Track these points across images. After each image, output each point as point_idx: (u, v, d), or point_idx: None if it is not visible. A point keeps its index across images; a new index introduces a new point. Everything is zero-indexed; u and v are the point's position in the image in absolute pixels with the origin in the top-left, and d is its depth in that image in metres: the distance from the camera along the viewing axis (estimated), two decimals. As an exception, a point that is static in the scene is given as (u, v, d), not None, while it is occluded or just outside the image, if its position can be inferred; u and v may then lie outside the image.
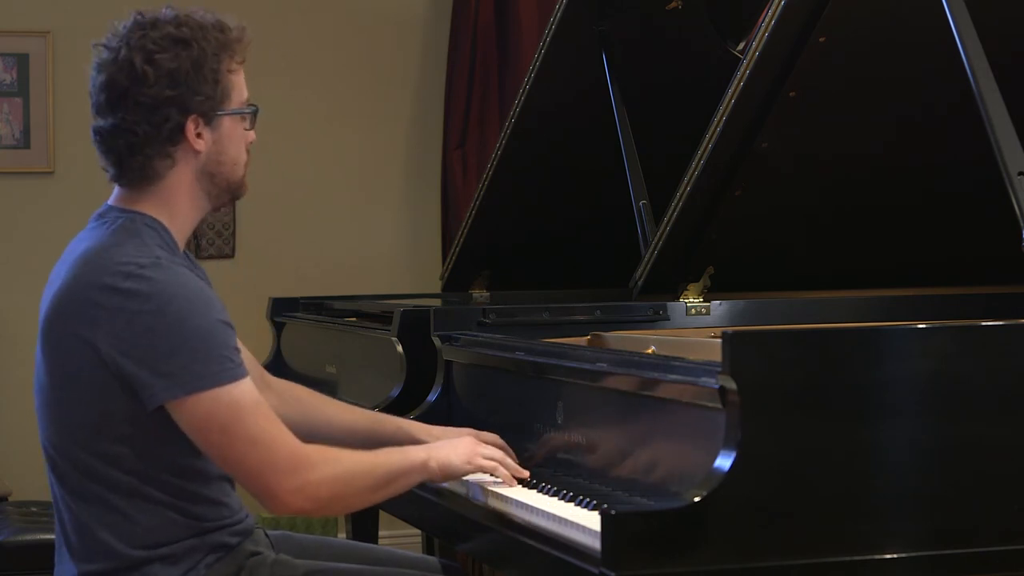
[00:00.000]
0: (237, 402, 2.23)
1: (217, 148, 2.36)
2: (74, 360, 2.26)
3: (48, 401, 2.33)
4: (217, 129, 2.36)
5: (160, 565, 2.30)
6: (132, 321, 2.21)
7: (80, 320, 2.25)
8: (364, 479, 2.34)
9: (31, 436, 5.45)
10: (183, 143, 2.33)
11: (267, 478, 2.25)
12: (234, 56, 2.36)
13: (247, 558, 2.39)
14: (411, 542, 4.51)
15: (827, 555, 2.09)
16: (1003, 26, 2.77)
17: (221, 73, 2.34)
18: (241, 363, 2.27)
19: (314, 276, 5.31)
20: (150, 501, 2.29)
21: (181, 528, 2.31)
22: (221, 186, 2.39)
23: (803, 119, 2.96)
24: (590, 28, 3.64)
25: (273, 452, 2.25)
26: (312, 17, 5.48)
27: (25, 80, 5.18)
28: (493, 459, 2.50)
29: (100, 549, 2.29)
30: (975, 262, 3.30)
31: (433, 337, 3.09)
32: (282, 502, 2.26)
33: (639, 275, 3.16)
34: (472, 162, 5.44)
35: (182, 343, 2.21)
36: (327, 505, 2.32)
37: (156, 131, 2.31)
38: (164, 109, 2.30)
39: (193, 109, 2.32)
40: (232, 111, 2.37)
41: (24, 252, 5.20)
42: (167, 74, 2.29)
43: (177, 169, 2.35)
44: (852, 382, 2.14)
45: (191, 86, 2.30)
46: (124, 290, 2.23)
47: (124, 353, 2.22)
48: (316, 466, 2.27)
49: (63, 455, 2.31)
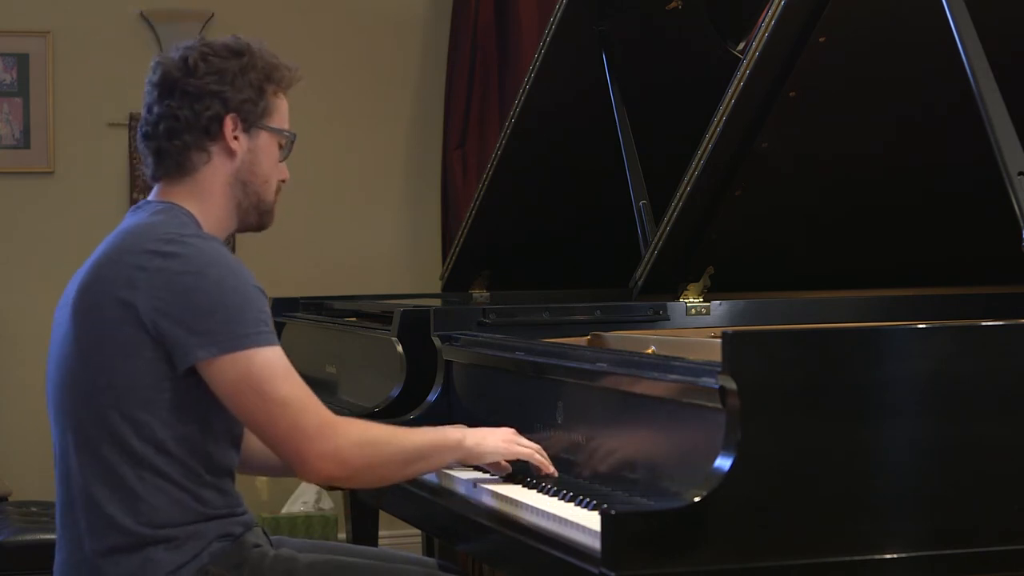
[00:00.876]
0: (271, 364, 2.31)
1: (252, 157, 2.48)
2: (109, 322, 2.32)
3: (72, 369, 2.37)
4: (254, 139, 2.48)
5: (164, 550, 2.32)
6: (172, 281, 2.31)
7: (120, 283, 2.33)
8: (395, 449, 2.40)
9: (31, 436, 5.45)
10: (220, 140, 2.45)
11: (297, 441, 2.31)
12: (280, 83, 2.49)
13: (250, 549, 2.40)
14: (411, 542, 4.52)
15: (827, 555, 2.09)
16: (1003, 26, 2.77)
17: (266, 90, 2.47)
18: (274, 331, 2.35)
19: (314, 276, 5.31)
20: (161, 476, 2.32)
21: (187, 511, 2.34)
22: (252, 200, 2.49)
23: (803, 119, 2.96)
24: (590, 28, 3.64)
25: (304, 416, 2.31)
26: (312, 17, 5.49)
27: (25, 80, 5.18)
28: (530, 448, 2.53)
29: (105, 524, 2.32)
30: (975, 262, 3.30)
31: (433, 337, 3.09)
32: (312, 467, 2.32)
33: (639, 275, 3.16)
34: (472, 162, 5.44)
35: (221, 304, 2.30)
36: (357, 473, 2.37)
37: (196, 118, 2.42)
38: (207, 99, 2.43)
39: (234, 108, 2.44)
40: (271, 127, 2.49)
41: (24, 252, 5.20)
42: (216, 71, 2.43)
43: (212, 165, 2.45)
44: (852, 382, 2.14)
45: (236, 86, 2.44)
46: (166, 253, 2.32)
47: (163, 312, 2.29)
48: (346, 432, 2.34)
49: (84, 422, 2.35)
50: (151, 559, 2.31)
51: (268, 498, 5.06)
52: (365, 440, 2.35)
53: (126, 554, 2.31)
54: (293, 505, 5.16)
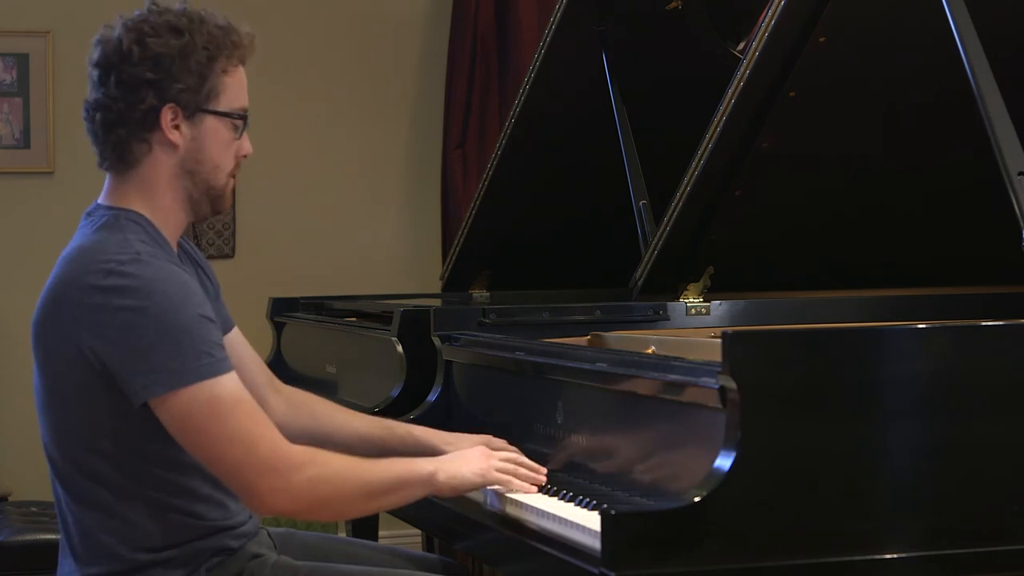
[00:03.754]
0: (217, 397, 2.19)
1: (196, 146, 2.32)
2: (62, 360, 2.26)
3: (43, 403, 2.33)
4: (198, 126, 2.31)
5: (162, 569, 2.29)
6: (113, 317, 2.20)
7: (65, 320, 2.24)
8: (355, 485, 2.29)
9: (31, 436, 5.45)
10: (158, 130, 2.30)
11: (245, 476, 2.21)
12: (231, 58, 2.32)
13: (248, 560, 2.38)
14: (411, 542, 4.51)
15: (827, 555, 2.09)
16: (1003, 26, 2.77)
17: (211, 70, 2.30)
18: (224, 358, 2.23)
19: (314, 276, 5.31)
20: (149, 503, 2.28)
21: (182, 530, 2.30)
22: (201, 189, 2.35)
23: (803, 119, 2.96)
24: (590, 28, 3.64)
25: (252, 451, 2.20)
26: (312, 17, 5.48)
27: (25, 80, 5.18)
28: (506, 471, 2.44)
29: (102, 552, 2.29)
30: (975, 262, 3.30)
31: (433, 337, 3.09)
32: (262, 502, 2.22)
33: (639, 275, 3.16)
34: (472, 162, 5.44)
35: (161, 339, 2.18)
36: (311, 508, 2.27)
37: (131, 111, 2.28)
38: (142, 90, 2.28)
39: (171, 98, 2.28)
40: (218, 111, 2.32)
41: (24, 252, 5.20)
42: (152, 57, 2.27)
43: (154, 157, 2.32)
44: (852, 382, 2.14)
45: (173, 74, 2.28)
46: (105, 287, 2.21)
47: (106, 350, 2.20)
48: (301, 467, 2.22)
49: (62, 457, 2.31)
50: None
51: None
52: (320, 476, 2.23)
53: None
54: (293, 505, 5.15)
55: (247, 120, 2.37)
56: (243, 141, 2.38)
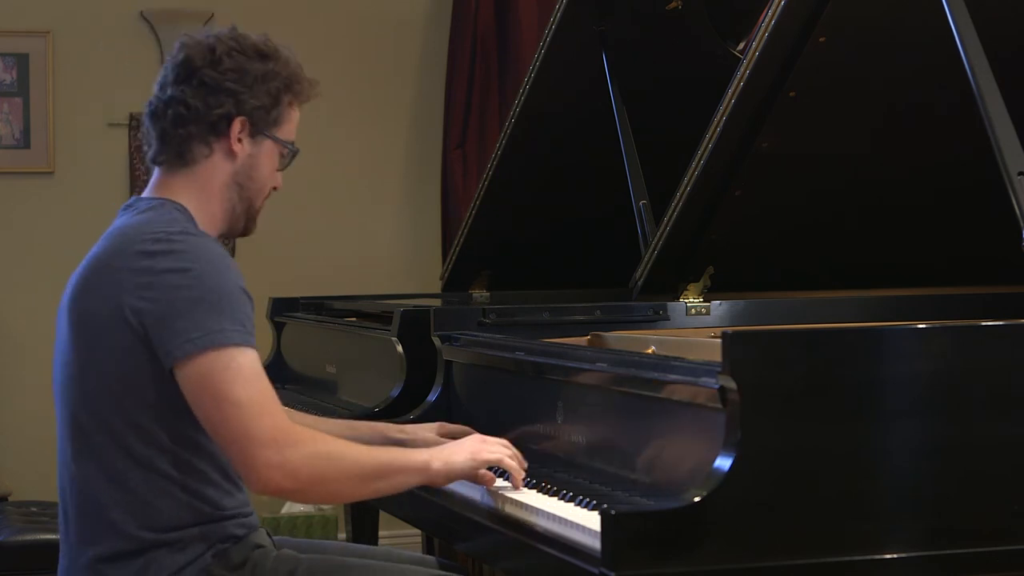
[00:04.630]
0: (240, 365, 2.25)
1: (252, 163, 2.46)
2: (103, 327, 2.30)
3: (74, 374, 2.36)
4: (258, 145, 2.45)
5: (167, 551, 2.31)
6: (156, 279, 2.28)
7: (110, 285, 2.31)
8: (349, 465, 2.32)
9: (31, 436, 5.44)
10: (224, 138, 2.42)
11: (245, 446, 2.24)
12: (298, 95, 2.49)
13: (252, 550, 2.40)
14: (411, 542, 4.51)
15: (827, 555, 2.09)
16: (1003, 26, 2.77)
17: (281, 100, 2.46)
18: (253, 334, 2.31)
19: (314, 276, 5.31)
20: (166, 479, 2.31)
21: (191, 513, 2.33)
22: (244, 204, 2.47)
23: (803, 119, 2.96)
24: (590, 28, 3.64)
25: (257, 421, 2.24)
26: (312, 17, 5.49)
27: (25, 80, 5.18)
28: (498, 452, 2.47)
29: (109, 530, 2.31)
30: (975, 262, 3.30)
31: (433, 337, 3.09)
32: (259, 475, 2.25)
33: (639, 275, 3.16)
34: (472, 162, 5.44)
35: (201, 300, 2.26)
36: (307, 487, 2.30)
37: (207, 112, 2.40)
38: (222, 96, 2.40)
39: (246, 112, 2.42)
40: (277, 138, 2.47)
41: (24, 252, 5.20)
42: (238, 69, 2.41)
43: (212, 162, 2.43)
44: (852, 382, 2.14)
45: (253, 91, 2.42)
46: (151, 252, 2.30)
47: (147, 309, 2.27)
48: (300, 444, 2.26)
49: (87, 428, 2.34)
50: (154, 560, 2.31)
51: (268, 498, 5.06)
52: (318, 453, 2.27)
53: (129, 558, 2.31)
54: (293, 506, 5.16)
55: (295, 156, 2.52)
56: (279, 174, 2.53)
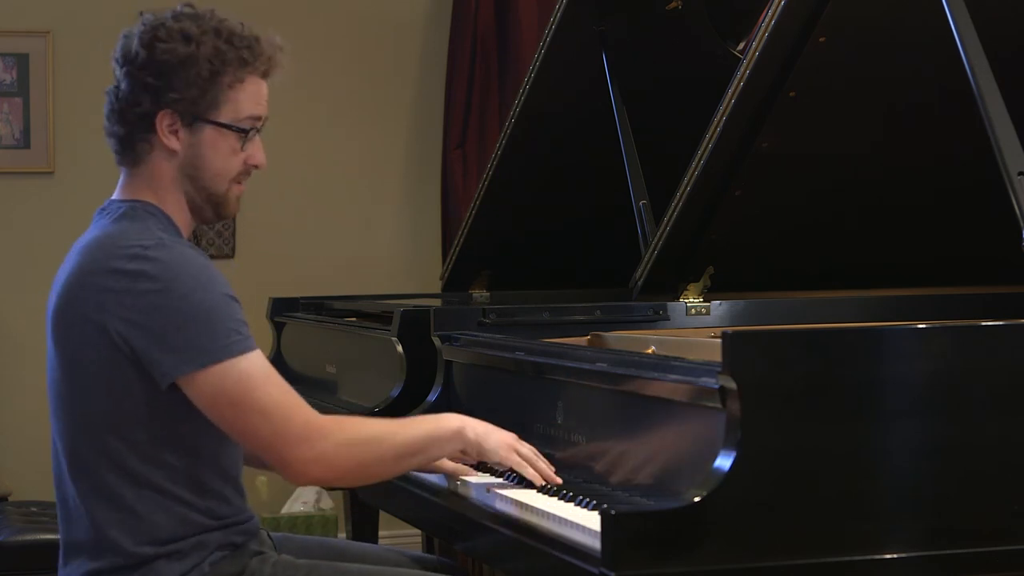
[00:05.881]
0: (248, 373, 2.25)
1: (195, 152, 2.36)
2: (87, 346, 2.28)
3: (62, 393, 2.34)
4: (197, 134, 2.36)
5: (164, 562, 2.30)
6: (139, 300, 2.24)
7: (89, 305, 2.27)
8: (386, 448, 2.34)
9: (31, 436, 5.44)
10: (155, 134, 2.35)
11: (280, 449, 2.26)
12: (239, 71, 2.36)
13: (251, 557, 2.39)
14: (411, 542, 4.51)
15: (827, 555, 2.09)
16: (1003, 26, 2.77)
17: (214, 83, 2.34)
18: (251, 336, 2.29)
19: (314, 276, 5.31)
20: (162, 494, 2.30)
21: (189, 524, 2.32)
22: (202, 194, 2.39)
23: (803, 119, 2.96)
24: (590, 28, 3.64)
25: (286, 422, 2.25)
26: (312, 17, 5.49)
27: (25, 80, 5.18)
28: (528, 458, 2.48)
29: (108, 547, 2.30)
30: (975, 262, 3.30)
31: (433, 337, 3.09)
32: (299, 471, 2.28)
33: (639, 275, 3.16)
34: (472, 162, 5.44)
35: (189, 318, 2.24)
36: (348, 474, 2.33)
37: (130, 111, 2.34)
38: (140, 93, 2.34)
39: (167, 105, 2.33)
40: (218, 122, 2.36)
41: (24, 252, 5.20)
42: (156, 62, 2.33)
43: (156, 156, 2.37)
44: (852, 382, 2.14)
45: (172, 83, 2.32)
46: (130, 271, 2.26)
47: (133, 332, 2.24)
48: (331, 434, 2.28)
49: (79, 447, 2.32)
50: (152, 571, 2.30)
51: (268, 498, 5.06)
52: (352, 440, 2.30)
53: (127, 572, 2.30)
54: (293, 505, 5.16)
55: (253, 131, 2.40)
56: (255, 151, 2.42)
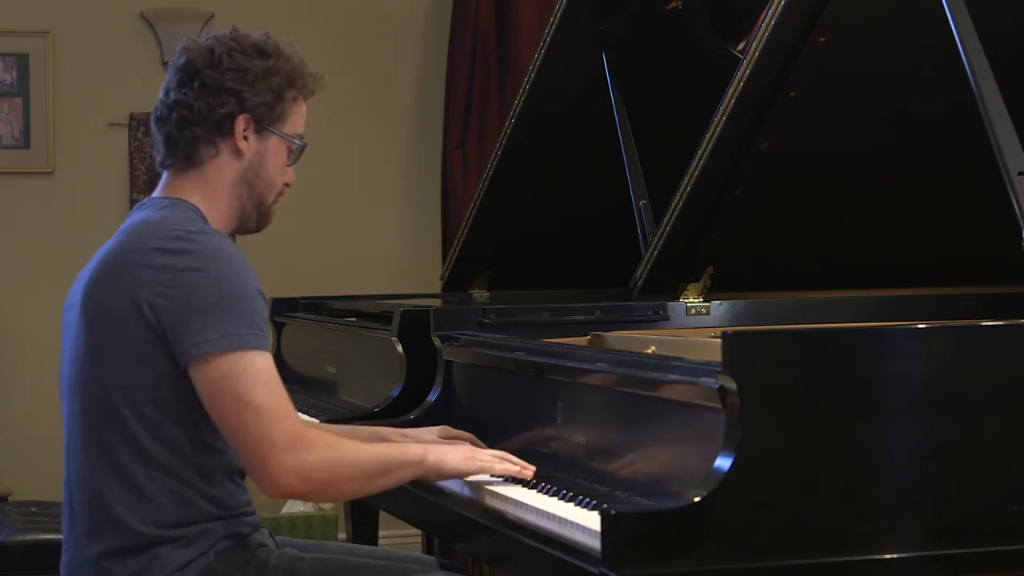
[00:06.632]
0: (257, 368, 2.29)
1: (259, 159, 2.49)
2: (118, 321, 2.32)
3: (84, 369, 2.37)
4: (264, 141, 2.48)
5: (171, 547, 2.32)
6: (175, 278, 2.30)
7: (126, 280, 2.33)
8: (358, 468, 2.37)
9: (31, 436, 5.44)
10: (229, 137, 2.45)
11: (264, 451, 2.28)
12: (302, 89, 2.52)
13: (256, 548, 2.41)
14: (411, 542, 4.52)
15: (827, 555, 2.09)
16: (1003, 26, 2.77)
17: (285, 95, 2.49)
18: (267, 337, 2.34)
19: (314, 276, 5.31)
20: (171, 476, 2.32)
21: (196, 511, 2.34)
22: (254, 202, 2.50)
23: (803, 119, 2.96)
24: (590, 28, 3.64)
25: (276, 426, 2.28)
26: (312, 17, 5.49)
27: (25, 80, 5.18)
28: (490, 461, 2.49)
29: (112, 525, 2.32)
30: (975, 262, 3.30)
31: (433, 337, 3.09)
32: (275, 479, 2.29)
33: (639, 275, 3.16)
34: (472, 162, 5.45)
35: (219, 300, 2.30)
36: (318, 489, 2.35)
37: (210, 112, 2.43)
38: (224, 95, 2.43)
39: (249, 109, 2.45)
40: (283, 133, 2.50)
41: (24, 252, 5.20)
42: (238, 68, 2.44)
43: (219, 161, 2.46)
44: (852, 382, 2.14)
45: (255, 89, 2.45)
46: (171, 250, 2.32)
47: (165, 308, 2.29)
48: (314, 448, 2.30)
49: (96, 421, 2.35)
50: (157, 557, 2.32)
51: (268, 498, 5.06)
52: (330, 458, 2.32)
53: (132, 554, 2.32)
54: (293, 505, 5.16)
55: (304, 150, 2.55)
56: (290, 170, 2.55)
